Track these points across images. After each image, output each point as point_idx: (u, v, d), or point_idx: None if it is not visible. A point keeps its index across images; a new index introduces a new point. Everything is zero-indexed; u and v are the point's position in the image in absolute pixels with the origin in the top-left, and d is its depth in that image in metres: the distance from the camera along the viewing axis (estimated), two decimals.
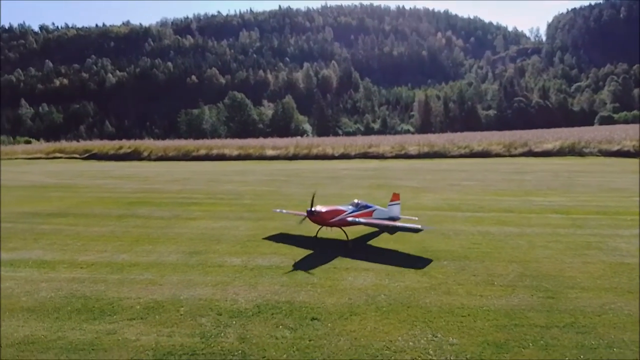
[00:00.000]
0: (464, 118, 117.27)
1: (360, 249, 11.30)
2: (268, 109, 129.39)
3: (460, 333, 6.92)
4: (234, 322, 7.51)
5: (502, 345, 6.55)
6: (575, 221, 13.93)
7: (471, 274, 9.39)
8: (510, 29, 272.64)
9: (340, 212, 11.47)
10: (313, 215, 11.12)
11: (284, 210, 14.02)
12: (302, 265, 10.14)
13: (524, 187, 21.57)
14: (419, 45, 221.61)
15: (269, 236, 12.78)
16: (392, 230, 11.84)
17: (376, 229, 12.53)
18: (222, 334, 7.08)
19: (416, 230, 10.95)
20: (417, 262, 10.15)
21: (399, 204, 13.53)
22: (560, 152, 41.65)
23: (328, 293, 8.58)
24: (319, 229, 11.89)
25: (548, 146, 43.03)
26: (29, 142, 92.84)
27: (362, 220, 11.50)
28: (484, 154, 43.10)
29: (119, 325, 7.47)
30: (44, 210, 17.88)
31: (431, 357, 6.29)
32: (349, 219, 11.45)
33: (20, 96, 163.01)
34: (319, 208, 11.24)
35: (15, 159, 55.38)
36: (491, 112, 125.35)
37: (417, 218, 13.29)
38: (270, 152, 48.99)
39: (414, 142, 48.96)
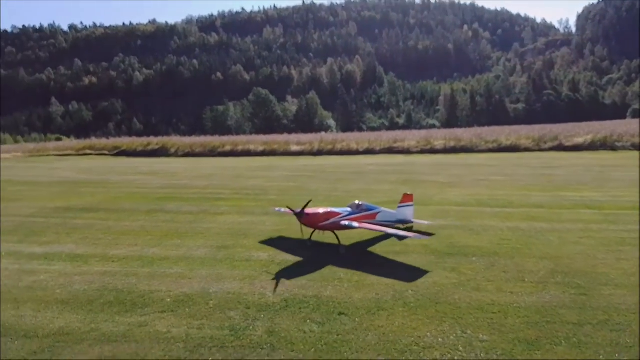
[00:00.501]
0: (491, 112, 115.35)
1: (386, 244, 11.23)
2: (292, 105, 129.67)
3: (491, 330, 6.83)
4: (262, 315, 7.58)
5: (534, 342, 6.45)
6: (607, 217, 13.57)
7: (501, 270, 9.25)
8: (538, 20, 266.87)
9: (332, 214, 10.65)
10: (301, 218, 10.49)
11: (282, 209, 12.58)
12: (329, 260, 10.17)
13: (554, 182, 21.10)
14: (445, 38, 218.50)
15: (295, 231, 12.83)
16: (396, 236, 10.66)
17: (394, 227, 11.66)
18: (251, 327, 7.16)
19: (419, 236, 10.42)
20: (445, 258, 10.05)
21: (411, 205, 12.35)
22: (591, 146, 40.55)
23: (355, 288, 8.58)
24: (312, 232, 11.25)
25: (579, 140, 41.93)
26: (59, 140, 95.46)
27: (355, 224, 10.45)
28: (513, 149, 42.27)
29: (151, 317, 7.63)
30: (76, 205, 18.34)
31: (461, 354, 6.23)
32: (343, 222, 10.57)
33: (51, 94, 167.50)
34: (307, 210, 10.51)
35: (47, 155, 56.94)
36: (519, 106, 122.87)
37: (432, 222, 12.65)
38: (294, 148, 49.09)
39: (440, 136, 48.37)
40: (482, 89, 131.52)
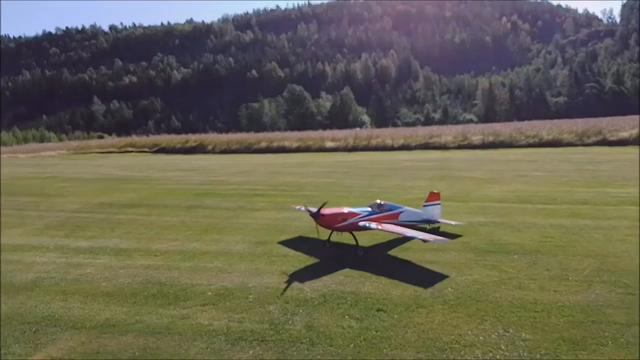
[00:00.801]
0: (531, 106, 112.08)
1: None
2: (326, 101, 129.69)
3: (534, 329, 6.69)
4: (301, 310, 7.65)
5: (579, 342, 6.28)
6: None
7: (544, 268, 9.03)
8: (580, 11, 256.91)
9: (349, 215, 10.25)
10: (317, 218, 10.17)
11: (303, 208, 11.92)
12: (366, 256, 10.15)
13: (598, 178, 20.38)
14: (483, 31, 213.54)
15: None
16: (418, 238, 9.72)
17: (419, 227, 11.20)
18: (290, 322, 7.24)
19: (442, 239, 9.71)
20: (485, 256, 9.88)
21: (438, 204, 11.88)
22: (637, 141, 38.94)
23: (393, 285, 8.54)
24: (330, 233, 10.87)
25: (624, 134, 40.37)
26: (102, 137, 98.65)
27: (373, 225, 9.98)
28: (555, 143, 41.05)
29: (192, 310, 7.82)
30: (119, 201, 18.95)
31: (503, 353, 6.12)
32: (361, 223, 10.14)
33: (93, 94, 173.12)
34: (324, 210, 10.20)
35: (90, 153, 58.94)
36: (561, 99, 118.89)
37: (460, 223, 12.09)
38: (329, 144, 49.19)
39: (478, 131, 47.49)
40: (522, 82, 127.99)
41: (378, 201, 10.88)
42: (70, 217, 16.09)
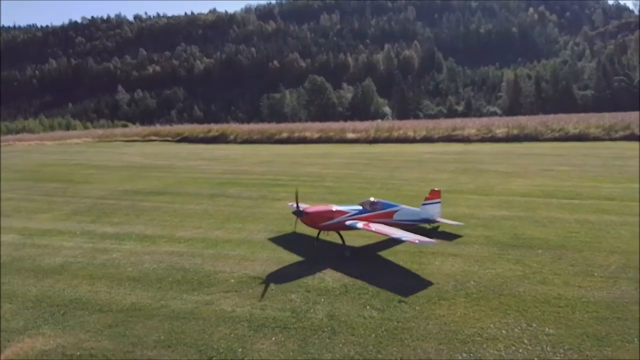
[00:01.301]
0: (557, 99, 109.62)
1: (445, 235, 11.05)
2: (347, 92, 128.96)
3: (557, 324, 6.63)
4: (322, 299, 7.72)
5: (603, 338, 6.22)
6: None
7: (568, 263, 8.91)
8: (610, 2, 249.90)
9: (336, 213, 9.78)
10: (301, 216, 9.75)
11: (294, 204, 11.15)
12: (388, 247, 10.16)
13: (626, 174, 19.87)
14: (509, 21, 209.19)
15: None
16: (403, 240, 9.08)
17: (417, 226, 10.86)
18: (312, 310, 7.32)
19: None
20: (508, 250, 9.79)
21: (438, 202, 11.34)
22: None
23: (414, 276, 8.56)
24: (319, 232, 10.34)
25: None
26: (126, 126, 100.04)
27: (359, 225, 9.48)
28: (581, 137, 40.04)
29: (216, 296, 7.97)
30: (144, 188, 19.27)
31: (526, 347, 6.09)
32: (348, 222, 9.68)
33: (117, 83, 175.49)
34: (308, 208, 9.87)
35: (115, 141, 59.88)
36: (588, 93, 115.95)
37: (461, 224, 11.42)
38: (350, 135, 48.90)
39: (502, 124, 46.57)
40: (548, 74, 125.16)
41: (371, 199, 10.41)
42: (96, 203, 16.46)
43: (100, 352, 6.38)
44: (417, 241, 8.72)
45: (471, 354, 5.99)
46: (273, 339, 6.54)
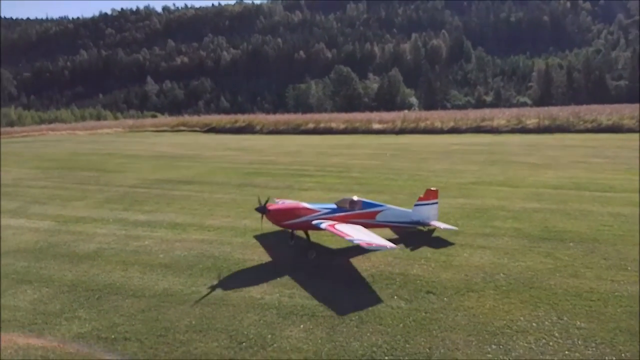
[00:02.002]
0: (590, 89, 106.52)
1: (473, 226, 10.93)
2: (373, 83, 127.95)
3: (589, 317, 6.54)
4: (350, 288, 7.79)
5: (637, 333, 6.11)
6: None
7: (601, 257, 8.73)
8: None
9: (303, 211, 9.20)
10: (264, 213, 9.22)
11: (279, 201, 10.82)
12: (414, 238, 10.12)
13: None
14: (540, 9, 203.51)
15: None
16: (355, 242, 8.03)
17: (408, 229, 10.32)
18: (339, 299, 7.38)
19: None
20: (539, 242, 9.64)
21: (435, 204, 10.35)
22: None
23: (442, 268, 8.51)
24: (292, 230, 9.81)
25: None
26: (155, 116, 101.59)
27: (323, 225, 8.77)
28: (615, 129, 38.84)
29: (245, 284, 8.09)
30: (174, 177, 19.61)
31: (557, 340, 6.03)
32: (315, 222, 9.00)
33: (146, 74, 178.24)
34: (272, 204, 9.42)
35: (144, 131, 60.94)
36: (622, 83, 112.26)
37: (456, 228, 10.29)
38: (376, 126, 48.57)
39: (533, 115, 45.52)
40: (581, 64, 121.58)
41: (354, 198, 9.71)
42: (128, 191, 16.84)
43: (134, 336, 6.59)
44: (374, 245, 7.82)
45: (500, 346, 5.96)
46: (301, 326, 6.63)
